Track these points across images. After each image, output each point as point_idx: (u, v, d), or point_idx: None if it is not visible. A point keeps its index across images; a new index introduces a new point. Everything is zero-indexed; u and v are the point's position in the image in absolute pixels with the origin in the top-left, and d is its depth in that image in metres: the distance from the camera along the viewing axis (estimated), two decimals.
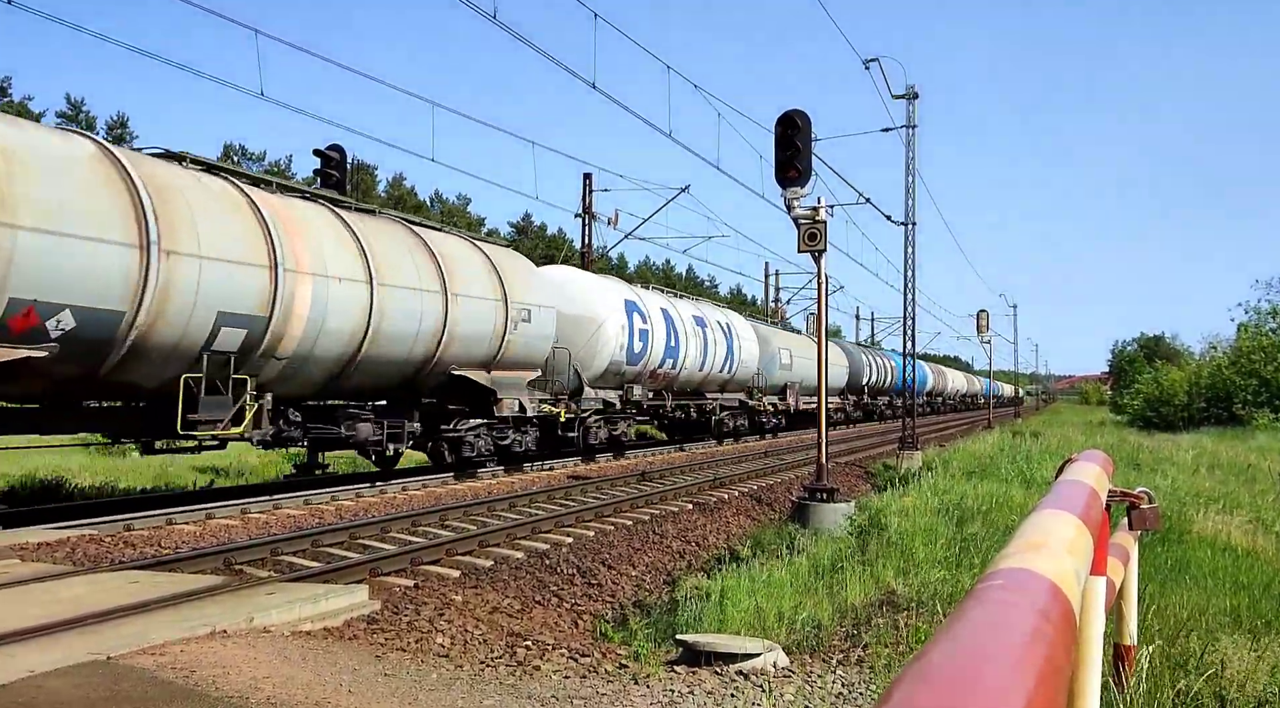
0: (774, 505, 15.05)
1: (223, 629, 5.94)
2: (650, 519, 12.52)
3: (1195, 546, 9.44)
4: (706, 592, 8.31)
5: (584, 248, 30.71)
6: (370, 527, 10.76)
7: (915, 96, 23.93)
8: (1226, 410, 39.78)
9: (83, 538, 9.69)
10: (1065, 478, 2.19)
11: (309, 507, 12.46)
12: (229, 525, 10.91)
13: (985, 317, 45.02)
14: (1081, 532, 1.38)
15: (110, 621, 6.07)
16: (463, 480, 16.10)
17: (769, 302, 53.54)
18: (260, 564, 8.93)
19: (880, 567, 8.58)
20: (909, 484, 15.34)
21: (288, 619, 6.44)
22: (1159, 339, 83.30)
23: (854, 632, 6.69)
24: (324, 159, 17.30)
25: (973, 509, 11.52)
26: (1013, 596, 0.88)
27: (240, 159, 54.73)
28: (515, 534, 10.80)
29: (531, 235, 72.99)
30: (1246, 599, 7.24)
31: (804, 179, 12.84)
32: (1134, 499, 2.85)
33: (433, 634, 6.66)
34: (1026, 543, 1.14)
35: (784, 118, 12.93)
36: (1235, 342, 45.33)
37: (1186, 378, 46.72)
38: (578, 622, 8.34)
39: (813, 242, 12.84)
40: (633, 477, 17.22)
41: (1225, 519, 11.46)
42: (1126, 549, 3.51)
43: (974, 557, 8.72)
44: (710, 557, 11.23)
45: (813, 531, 11.67)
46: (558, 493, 14.43)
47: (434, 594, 7.89)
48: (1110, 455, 3.72)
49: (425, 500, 13.41)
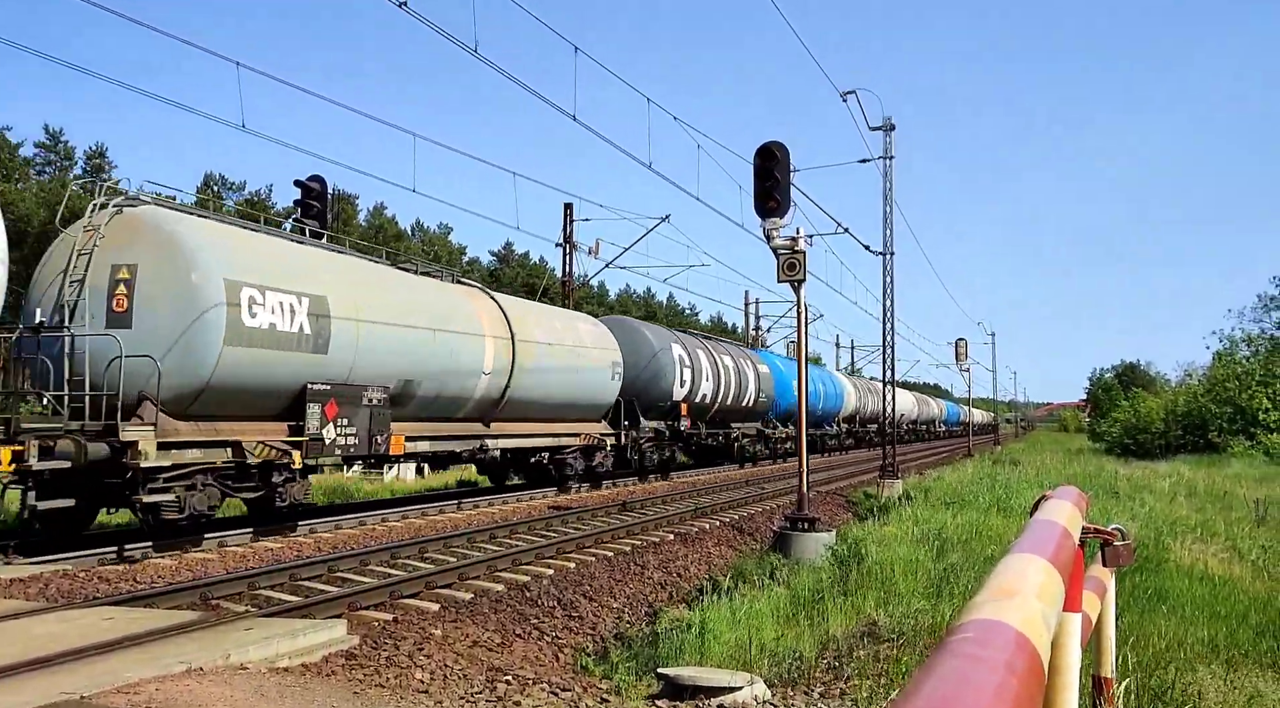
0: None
1: (199, 667, 5.86)
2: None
3: (1173, 575, 9.51)
4: (688, 623, 8.29)
5: (565, 277, 30.76)
6: (349, 559, 10.67)
7: (892, 128, 24.25)
8: (1202, 438, 40.19)
9: (56, 573, 9.56)
10: (1039, 517, 2.22)
11: (287, 540, 12.34)
12: (206, 560, 10.78)
13: (964, 345, 45.42)
14: (1052, 576, 1.40)
15: (84, 659, 5.98)
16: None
17: (749, 330, 53.72)
18: (237, 599, 8.83)
19: (861, 597, 8.59)
20: (890, 513, 15.38)
21: (265, 656, 6.37)
22: (1135, 367, 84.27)
23: (835, 663, 6.69)
24: (305, 190, 17.31)
25: (953, 539, 11.56)
26: (980, 649, 0.90)
27: (221, 190, 54.59)
28: (496, 566, 10.73)
29: (513, 264, 73.07)
30: (1224, 629, 7.30)
31: (783, 210, 12.96)
32: (1107, 536, 2.88)
33: (412, 670, 6.60)
34: (997, 590, 1.17)
35: (763, 149, 13.07)
36: (1210, 370, 45.91)
37: (1163, 405, 47.22)
38: (558, 655, 8.29)
39: (792, 271, 12.94)
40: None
41: (1202, 548, 11.56)
42: (1103, 582, 3.54)
43: (954, 587, 8.75)
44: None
45: (794, 560, 11.67)
46: (538, 524, 14.36)
47: (413, 628, 7.82)
48: (1085, 489, 3.76)
49: (404, 532, 13.32)
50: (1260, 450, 35.35)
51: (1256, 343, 44.20)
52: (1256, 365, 40.69)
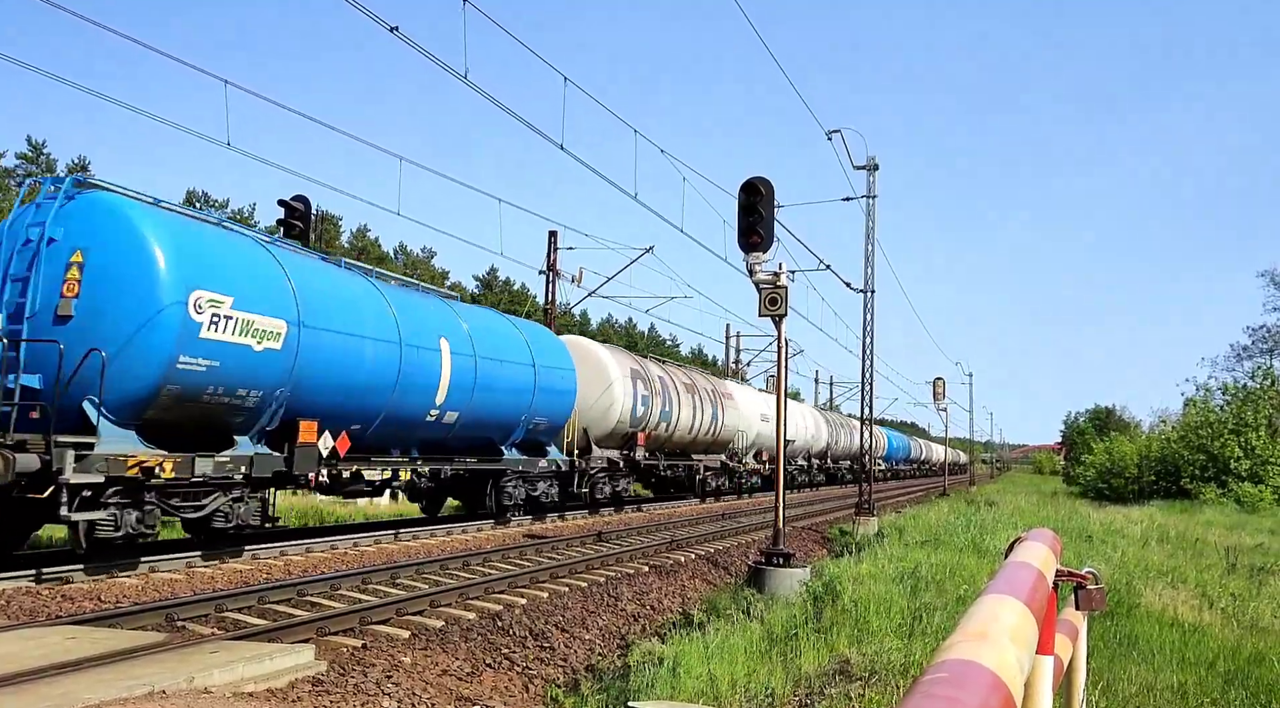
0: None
1: (161, 690, 5.76)
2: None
3: (1143, 620, 9.54)
4: (660, 657, 8.22)
5: (548, 304, 30.79)
6: (319, 584, 10.54)
7: (876, 167, 24.56)
8: (1175, 484, 40.53)
9: (19, 590, 9.39)
10: (1013, 559, 2.23)
11: (256, 562, 12.19)
12: (173, 580, 10.63)
13: (941, 384, 45.66)
14: (1025, 618, 1.41)
15: (43, 679, 5.86)
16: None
17: (729, 363, 53.86)
18: (204, 621, 8.70)
19: (835, 635, 8.56)
20: (865, 550, 15.37)
21: (230, 680, 6.27)
22: (1109, 412, 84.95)
23: (807, 702, 6.65)
24: (288, 210, 17.28)
25: (927, 578, 11.56)
26: (955, 691, 0.91)
27: (203, 205, 54.41)
28: (468, 594, 10.63)
29: (496, 290, 73.07)
30: (1193, 676, 7.32)
31: (766, 245, 13.04)
32: (1080, 579, 2.90)
33: (379, 697, 6.51)
34: (970, 632, 1.17)
35: (747, 185, 13.16)
36: (1183, 417, 46.35)
37: (1137, 450, 47.60)
38: (529, 686, 8.20)
39: (774, 306, 13.01)
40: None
41: (1173, 594, 11.61)
42: (1075, 626, 3.55)
43: (928, 625, 8.74)
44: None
45: (769, 596, 11.63)
46: (512, 553, 14.25)
47: (382, 655, 7.72)
48: (1059, 533, 3.79)
49: (376, 557, 13.18)
50: (1232, 498, 35.69)
51: (1231, 391, 44.72)
52: (1229, 414, 41.14)
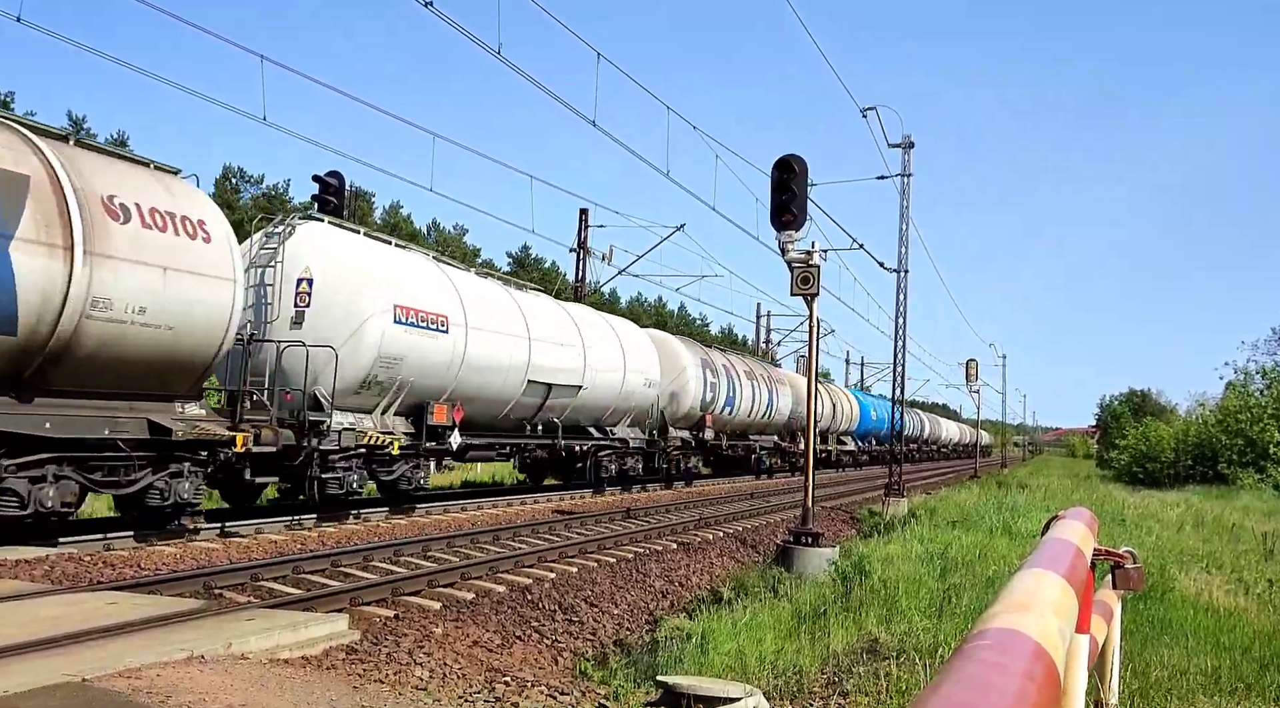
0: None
1: (200, 654, 5.87)
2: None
3: (1177, 604, 9.43)
4: (688, 633, 8.27)
5: (578, 282, 30.80)
6: (353, 555, 10.69)
7: (911, 145, 24.26)
8: (1212, 469, 39.92)
9: (62, 556, 9.60)
10: (1051, 536, 2.21)
11: (290, 533, 12.37)
12: (210, 549, 10.82)
13: (974, 366, 45.27)
14: (1066, 592, 1.40)
15: (86, 642, 6.00)
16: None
17: (759, 343, 53.68)
18: (240, 589, 8.85)
19: (863, 614, 8.55)
20: (894, 531, 15.32)
21: (266, 647, 6.38)
22: (1145, 395, 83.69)
23: (836, 679, 6.66)
24: (323, 185, 17.39)
25: (957, 559, 11.50)
26: (999, 656, 0.90)
27: (239, 182, 54.87)
28: (498, 567, 10.73)
29: (528, 267, 73.22)
30: (1227, 661, 7.24)
31: (799, 223, 12.94)
32: (1119, 559, 2.87)
33: (412, 667, 6.60)
34: (1013, 603, 1.17)
35: (781, 162, 13.06)
36: (1222, 401, 45.59)
37: (1174, 434, 46.92)
38: (558, 659, 8.28)
39: (806, 285, 12.93)
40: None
41: (1207, 579, 11.48)
42: (1110, 607, 3.52)
43: (957, 606, 8.70)
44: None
45: (797, 575, 11.64)
46: (542, 528, 14.36)
47: (414, 626, 7.82)
48: (1096, 512, 3.75)
49: (409, 531, 13.33)
50: (1270, 484, 35.10)
51: (1271, 375, 43.90)
52: (1270, 399, 40.42)
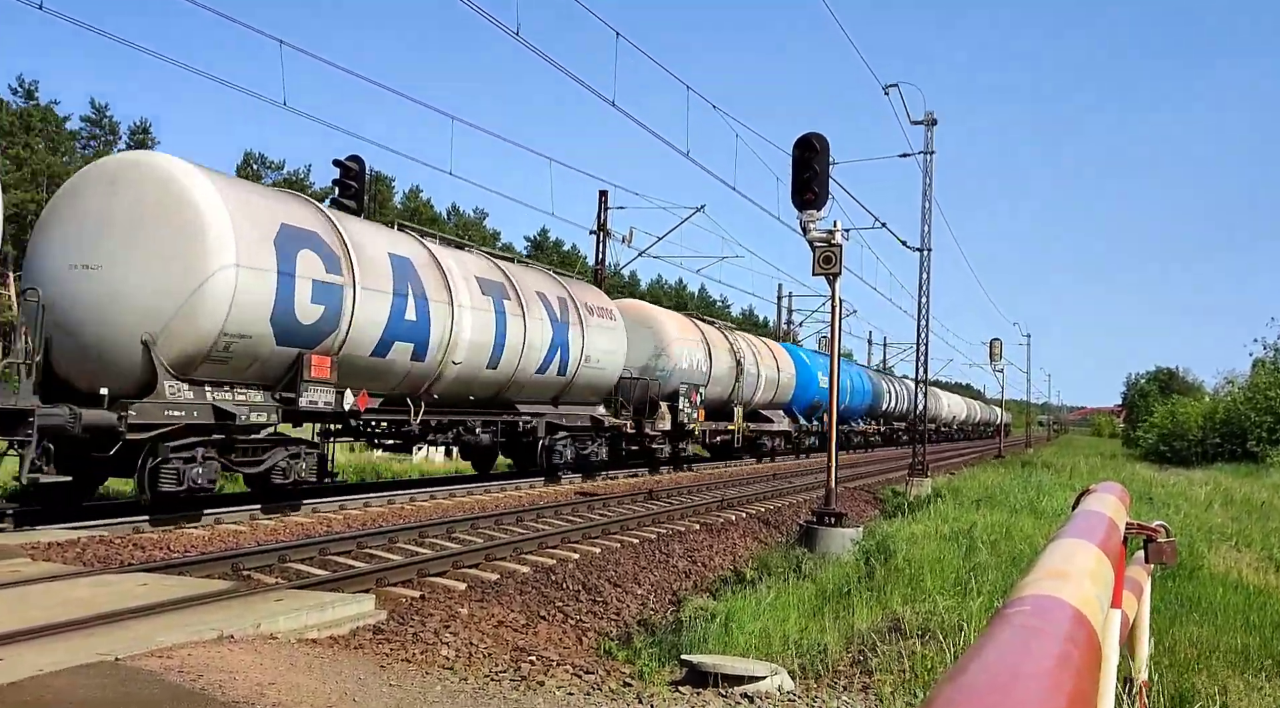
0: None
1: (230, 634, 5.95)
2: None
3: (1206, 582, 9.35)
4: (712, 613, 8.28)
5: (598, 264, 30.77)
6: (378, 537, 10.77)
7: (934, 123, 24.01)
8: (1241, 447, 39.46)
9: (93, 539, 9.73)
10: (1084, 508, 2.18)
11: (317, 515, 12.48)
12: (237, 531, 10.93)
13: (998, 345, 44.91)
14: (1102, 561, 1.38)
15: (118, 622, 6.09)
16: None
17: (780, 323, 53.48)
18: (268, 571, 8.94)
19: (888, 593, 8.53)
20: (918, 511, 15.26)
21: (294, 627, 6.45)
22: (1173, 373, 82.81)
23: (860, 658, 6.65)
24: (343, 170, 17.42)
25: (982, 538, 11.45)
26: (1040, 622, 0.88)
27: (260, 167, 55.13)
28: (522, 548, 10.78)
29: (547, 250, 73.24)
30: (1257, 639, 7.17)
31: (820, 202, 12.84)
32: (1151, 532, 2.83)
33: (438, 646, 6.65)
34: (1050, 570, 1.15)
35: (802, 141, 12.94)
36: (1251, 377, 45.03)
37: (1201, 412, 46.40)
38: (582, 638, 8.32)
39: (828, 265, 12.84)
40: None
41: (1237, 556, 11.37)
42: (1140, 583, 3.48)
43: (981, 585, 8.66)
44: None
45: (820, 555, 11.63)
46: (564, 509, 14.41)
47: (440, 606, 7.88)
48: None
49: (432, 512, 13.42)
50: None
51: None
52: None
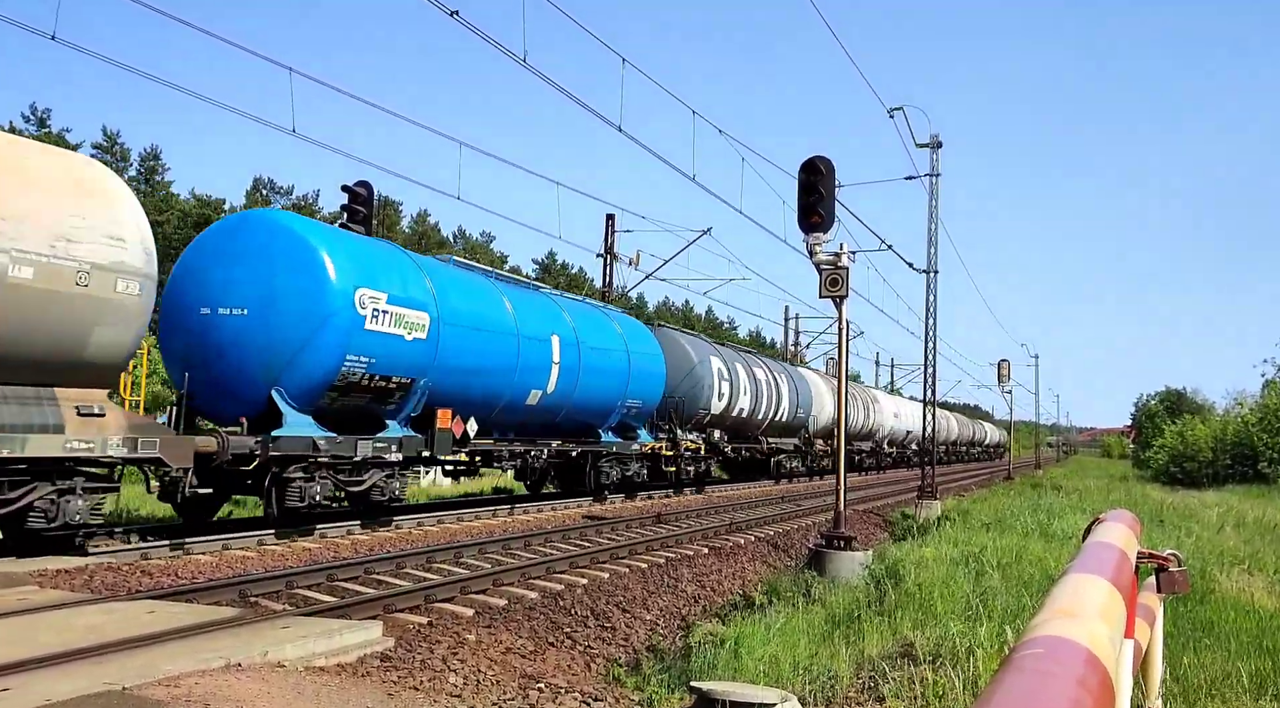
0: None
1: (237, 663, 5.93)
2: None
3: (1218, 606, 9.27)
4: (721, 638, 8.23)
5: (605, 288, 30.83)
6: (385, 562, 10.74)
7: (939, 145, 24.08)
8: (1252, 468, 39.24)
9: (100, 566, 9.73)
10: (1095, 539, 2.17)
11: (325, 541, 12.47)
12: (245, 557, 10.92)
13: (1006, 366, 44.79)
14: (1114, 597, 1.37)
15: (125, 650, 6.07)
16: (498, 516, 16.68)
17: (788, 345, 53.45)
18: (275, 597, 8.92)
19: (898, 618, 8.48)
20: (928, 534, 15.18)
21: (302, 654, 6.42)
22: (1182, 394, 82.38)
23: (871, 684, 6.60)
24: (351, 195, 17.51)
25: (992, 562, 11.38)
26: (1051, 665, 0.88)
27: (269, 193, 55.50)
28: (530, 573, 10.74)
29: (555, 273, 73.42)
30: (1271, 664, 7.10)
31: (826, 225, 12.87)
32: (1163, 561, 2.81)
33: (446, 674, 6.62)
34: (1061, 609, 1.14)
35: (807, 164, 12.99)
36: (1262, 398, 44.82)
37: (1212, 433, 46.15)
38: (591, 664, 8.27)
39: (834, 287, 12.85)
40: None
41: (1249, 580, 11.27)
42: (1152, 610, 3.45)
43: (992, 610, 8.60)
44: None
45: (829, 579, 11.56)
46: (573, 533, 14.36)
47: (448, 633, 7.85)
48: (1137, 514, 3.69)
49: (440, 537, 13.39)
50: None
51: None
52: None
